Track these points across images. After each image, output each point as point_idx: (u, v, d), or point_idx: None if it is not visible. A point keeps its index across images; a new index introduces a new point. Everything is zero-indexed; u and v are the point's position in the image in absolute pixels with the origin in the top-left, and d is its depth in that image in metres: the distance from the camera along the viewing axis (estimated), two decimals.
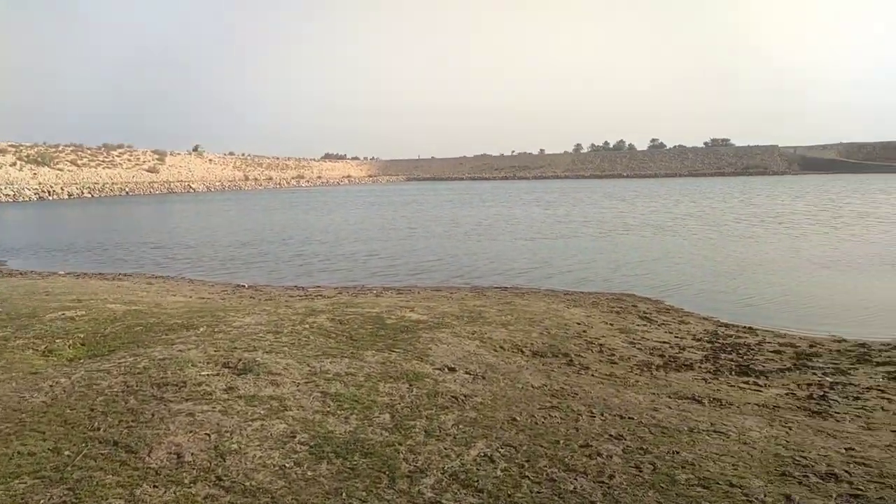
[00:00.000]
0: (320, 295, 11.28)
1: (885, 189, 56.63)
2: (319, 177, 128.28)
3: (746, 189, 65.09)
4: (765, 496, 3.86)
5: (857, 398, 5.79)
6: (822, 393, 5.90)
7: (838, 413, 5.37)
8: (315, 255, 20.06)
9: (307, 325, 7.70)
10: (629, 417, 5.21)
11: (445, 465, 4.21)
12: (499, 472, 4.14)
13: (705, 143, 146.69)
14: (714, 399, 5.76)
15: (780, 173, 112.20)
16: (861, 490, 3.91)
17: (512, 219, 33.90)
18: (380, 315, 8.50)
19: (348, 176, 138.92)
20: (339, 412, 4.99)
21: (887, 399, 5.75)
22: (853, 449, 4.56)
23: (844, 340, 8.42)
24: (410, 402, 5.31)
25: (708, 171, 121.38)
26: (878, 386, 6.17)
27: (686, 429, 4.98)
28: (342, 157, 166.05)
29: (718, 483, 4.02)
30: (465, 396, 5.53)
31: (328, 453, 4.31)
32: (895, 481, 4.00)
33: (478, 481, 4.01)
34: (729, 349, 7.80)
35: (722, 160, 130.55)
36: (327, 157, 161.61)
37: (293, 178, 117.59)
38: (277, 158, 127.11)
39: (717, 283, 14.01)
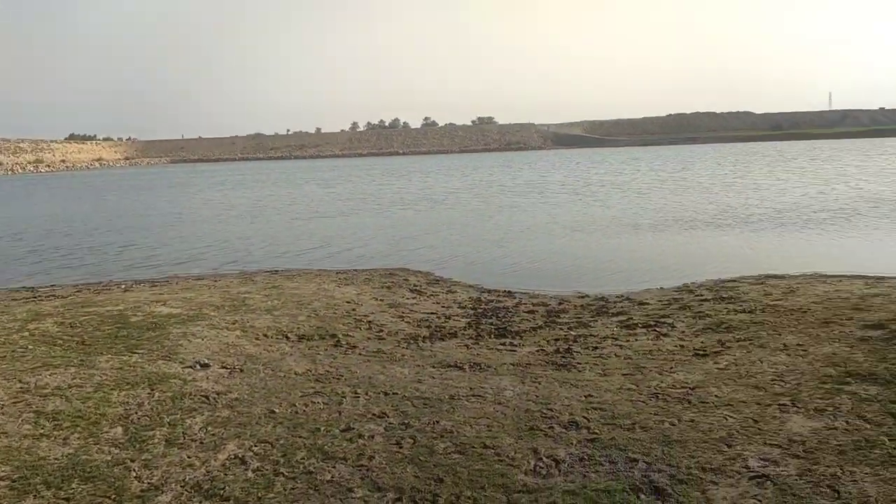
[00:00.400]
0: (54, 295, 9.73)
1: (623, 160, 64.89)
2: (64, 161, 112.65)
3: (510, 163, 70.38)
4: (515, 453, 3.99)
5: (595, 348, 6.37)
6: (567, 346, 6.39)
7: (580, 364, 5.84)
8: (56, 249, 17.45)
9: (27, 333, 6.52)
10: (393, 393, 5.15)
11: (187, 476, 3.74)
12: (250, 474, 3.78)
13: (473, 122, 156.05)
14: (474, 364, 5.94)
15: (538, 148, 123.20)
16: (597, 433, 4.23)
17: (289, 199, 32.83)
18: (123, 313, 7.51)
19: (100, 159, 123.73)
20: (55, 433, 4.21)
21: (619, 346, 6.40)
22: (591, 396, 4.95)
23: (587, 296, 9.32)
24: (151, 409, 4.69)
25: (476, 148, 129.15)
26: (613, 335, 6.87)
27: (447, 397, 5.04)
28: (91, 138, 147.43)
29: (474, 447, 4.08)
30: (217, 394, 5.04)
31: (37, 485, 3.59)
32: (623, 421, 4.40)
33: (224, 488, 3.61)
34: (490, 314, 8.19)
35: (488, 137, 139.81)
36: (72, 138, 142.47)
37: (30, 162, 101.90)
38: (8, 140, 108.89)
39: (485, 252, 14.83)
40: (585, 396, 4.95)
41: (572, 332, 7.03)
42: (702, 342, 6.30)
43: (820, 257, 11.93)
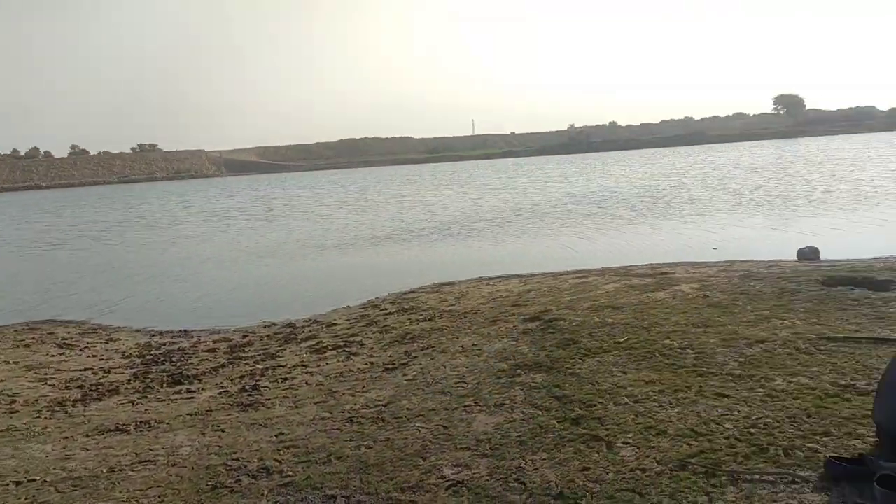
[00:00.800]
0: None
1: (302, 185, 65.36)
2: None
3: (183, 192, 65.80)
4: None
5: (285, 379, 5.94)
6: (254, 383, 5.84)
7: (269, 399, 5.35)
8: None
9: None
10: (29, 480, 4.03)
11: None
12: None
13: (133, 149, 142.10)
14: (142, 423, 5.03)
15: (211, 176, 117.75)
16: (291, 476, 3.81)
17: None
18: None
19: None
20: None
21: (310, 373, 6.07)
22: (283, 433, 4.51)
23: (274, 324, 8.83)
24: None
25: (140, 177, 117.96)
26: (303, 362, 6.52)
27: (106, 470, 4.12)
28: None
29: None
30: None
31: None
32: (319, 455, 4.06)
33: None
34: (162, 359, 7.17)
35: (153, 165, 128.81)
36: None
37: None
38: None
39: (159, 290, 13.27)
40: (276, 435, 4.50)
41: (259, 366, 6.48)
42: (390, 356, 6.33)
43: (482, 262, 13.27)
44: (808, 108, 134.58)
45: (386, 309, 8.90)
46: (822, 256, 10.33)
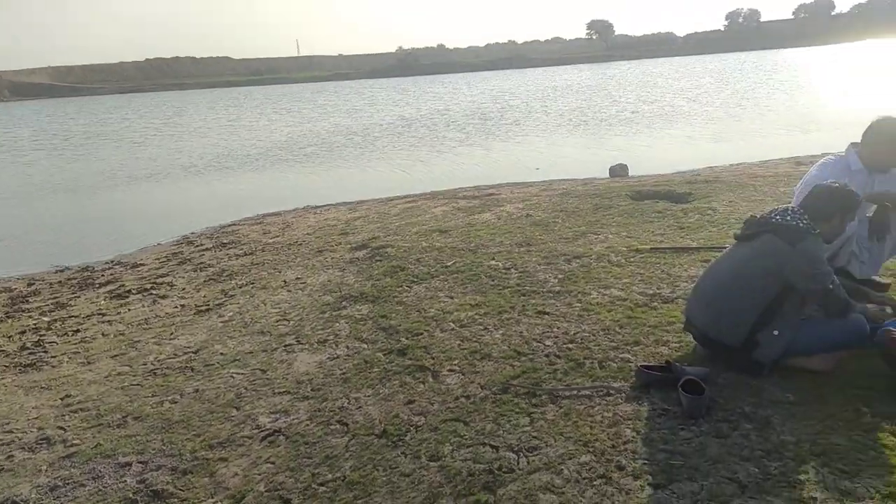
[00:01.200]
0: None
1: (108, 109, 58.46)
2: None
3: None
4: None
5: (77, 331, 5.19)
6: (37, 338, 5.04)
7: (55, 357, 4.63)
8: None
9: None
10: None
11: None
12: None
13: None
14: None
15: None
16: (77, 444, 3.31)
17: None
18: None
19: None
20: None
21: (108, 322, 5.36)
22: (70, 396, 3.92)
23: (68, 269, 7.77)
24: None
25: None
26: (100, 310, 5.74)
27: None
28: None
29: None
30: None
31: None
32: (112, 417, 3.56)
33: None
34: None
35: None
36: None
37: None
38: None
39: None
40: (62, 399, 3.89)
41: (45, 319, 5.61)
42: (204, 296, 5.76)
43: (310, 190, 12.66)
44: (617, 33, 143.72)
45: (202, 244, 8.16)
46: (631, 173, 11.06)
